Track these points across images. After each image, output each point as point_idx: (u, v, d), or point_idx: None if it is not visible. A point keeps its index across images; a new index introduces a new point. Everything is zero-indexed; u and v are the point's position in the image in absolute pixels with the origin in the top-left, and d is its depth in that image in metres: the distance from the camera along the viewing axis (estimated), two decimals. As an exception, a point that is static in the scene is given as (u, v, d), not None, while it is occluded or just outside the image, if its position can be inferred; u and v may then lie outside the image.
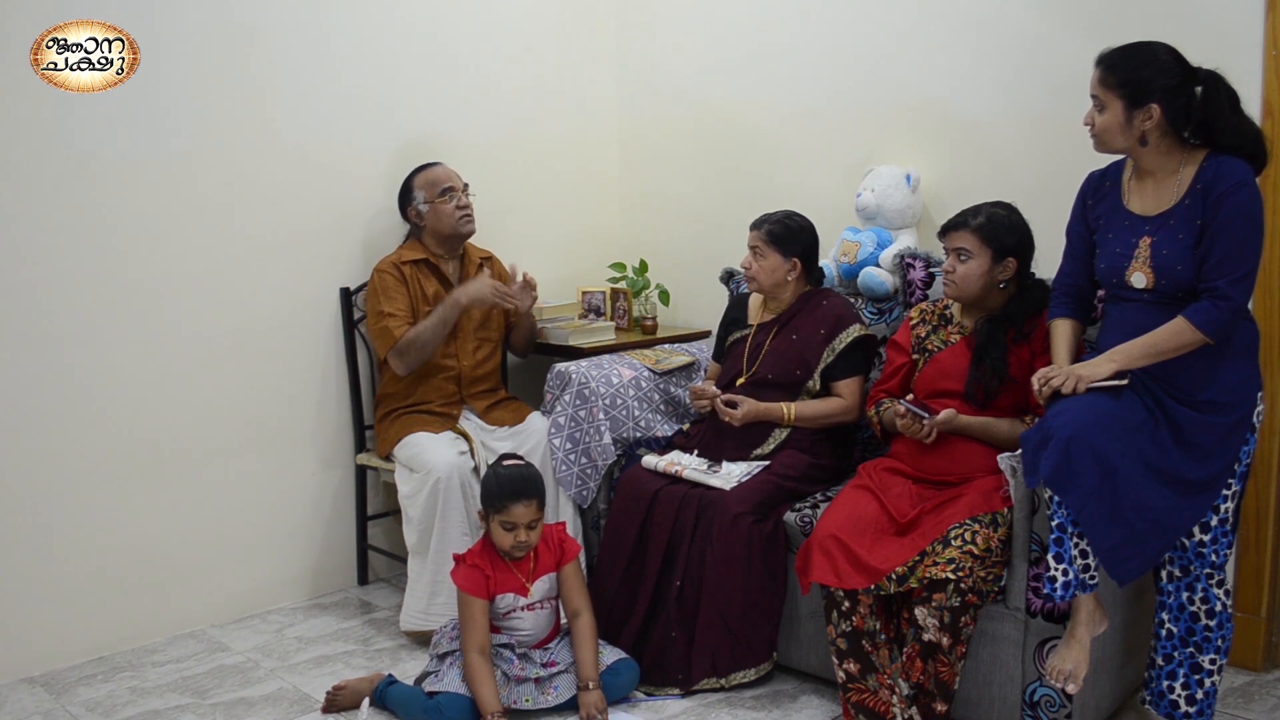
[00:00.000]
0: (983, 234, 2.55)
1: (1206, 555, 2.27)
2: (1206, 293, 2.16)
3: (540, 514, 2.59)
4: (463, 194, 3.25)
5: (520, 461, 2.68)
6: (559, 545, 2.68)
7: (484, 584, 2.57)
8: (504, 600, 2.60)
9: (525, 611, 2.62)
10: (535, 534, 2.59)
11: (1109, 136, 2.24)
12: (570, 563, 2.67)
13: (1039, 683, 2.33)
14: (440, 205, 3.21)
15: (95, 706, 2.69)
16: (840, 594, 2.43)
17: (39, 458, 2.83)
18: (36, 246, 2.78)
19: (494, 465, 2.70)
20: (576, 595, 2.66)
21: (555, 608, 2.69)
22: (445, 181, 3.23)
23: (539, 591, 2.63)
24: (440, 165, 3.28)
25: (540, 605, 2.64)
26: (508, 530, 2.55)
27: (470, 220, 3.25)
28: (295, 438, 3.29)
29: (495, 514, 2.56)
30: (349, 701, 2.62)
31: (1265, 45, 2.61)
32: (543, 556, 2.65)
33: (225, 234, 3.11)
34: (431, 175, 3.25)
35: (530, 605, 2.62)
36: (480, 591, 2.55)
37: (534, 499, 2.57)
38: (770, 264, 2.96)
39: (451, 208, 3.21)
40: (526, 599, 2.61)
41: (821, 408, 2.91)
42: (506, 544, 2.57)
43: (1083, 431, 2.11)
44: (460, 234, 3.25)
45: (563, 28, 3.89)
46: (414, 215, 3.26)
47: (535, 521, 2.57)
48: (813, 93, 3.49)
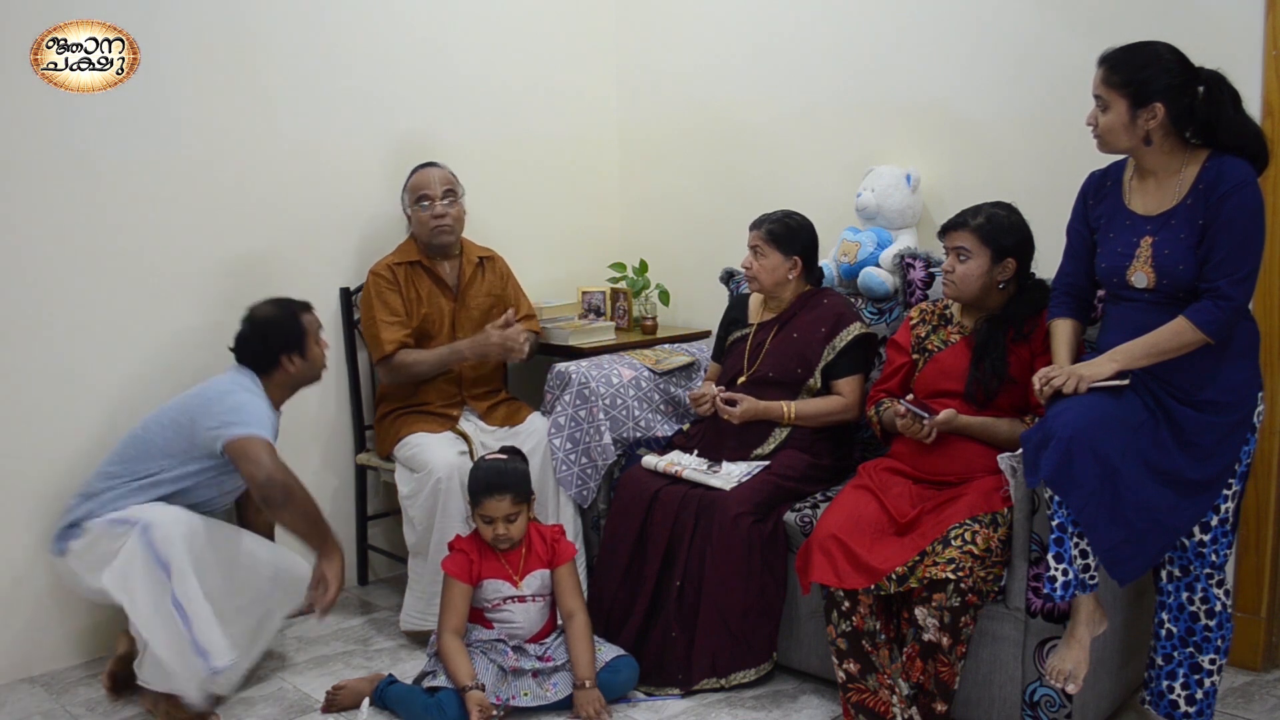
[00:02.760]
0: (982, 234, 2.55)
1: (1206, 555, 2.27)
2: (1208, 293, 2.16)
3: (517, 507, 2.61)
4: (439, 203, 3.18)
5: (503, 456, 2.70)
6: (553, 545, 2.70)
7: (467, 569, 2.61)
8: (491, 586, 2.63)
9: (516, 604, 2.64)
10: (516, 527, 2.61)
11: (1113, 136, 2.24)
12: (564, 565, 2.68)
13: (1039, 683, 2.33)
14: (417, 212, 3.19)
15: (95, 706, 2.69)
16: (840, 594, 2.43)
17: (39, 458, 2.83)
18: (36, 246, 2.78)
19: (478, 459, 2.74)
20: (571, 596, 2.67)
21: (548, 604, 2.70)
22: (423, 189, 3.19)
23: (531, 585, 2.66)
24: (427, 169, 3.24)
25: (532, 599, 2.66)
26: (487, 523, 2.61)
27: (444, 232, 3.18)
28: (295, 437, 3.28)
29: (474, 508, 2.63)
30: (349, 701, 2.63)
31: (1265, 45, 2.61)
32: (536, 550, 2.68)
33: (225, 234, 3.11)
34: (415, 180, 3.22)
35: (521, 598, 2.64)
36: (463, 575, 2.60)
37: (508, 493, 2.59)
38: (771, 263, 2.96)
39: (425, 216, 3.18)
40: (517, 590, 2.63)
41: (822, 406, 2.91)
42: (487, 536, 2.62)
43: (1084, 431, 2.11)
44: (433, 244, 3.20)
45: (563, 27, 3.89)
46: (406, 215, 3.27)
47: (513, 515, 2.60)
48: (813, 93, 3.49)
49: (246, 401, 2.65)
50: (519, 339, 3.11)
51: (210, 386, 2.69)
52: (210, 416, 2.60)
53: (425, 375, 3.14)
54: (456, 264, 3.30)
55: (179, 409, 2.66)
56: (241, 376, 2.73)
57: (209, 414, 2.60)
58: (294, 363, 2.77)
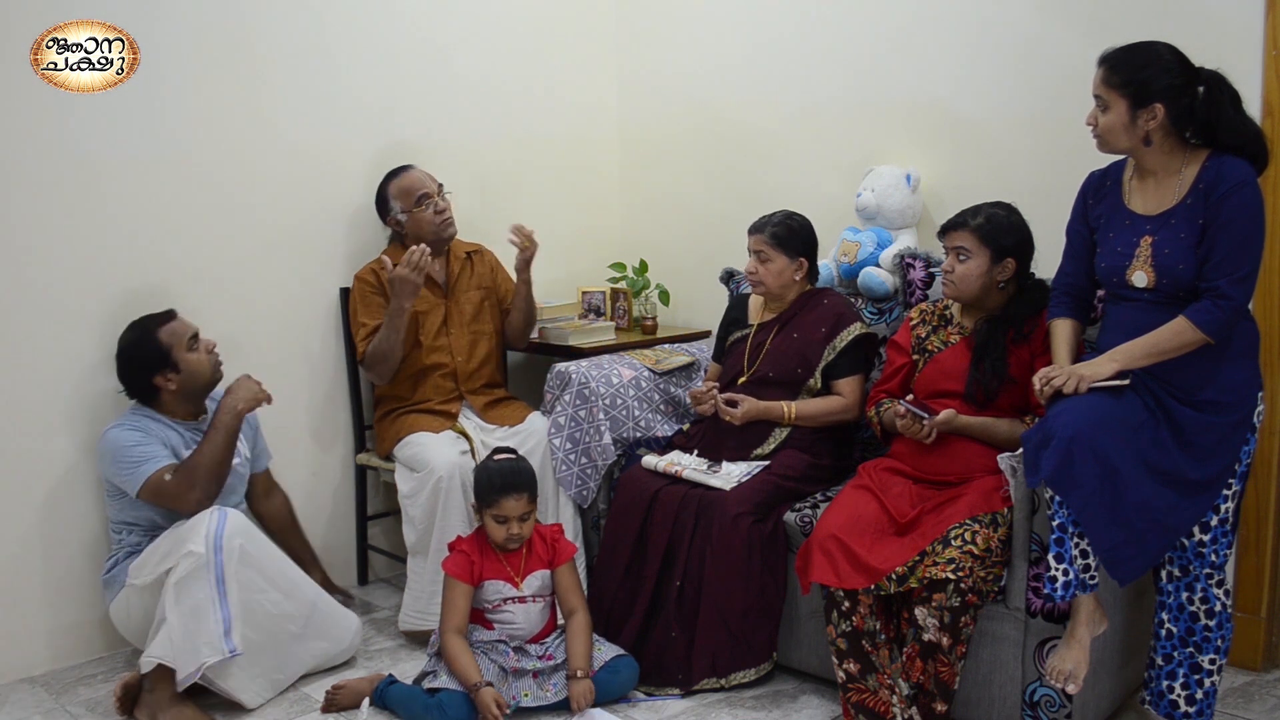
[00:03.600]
0: (982, 234, 2.55)
1: (1206, 555, 2.27)
2: (1208, 292, 2.16)
3: (531, 506, 2.63)
4: (439, 198, 3.21)
5: (511, 455, 2.71)
6: (553, 545, 2.70)
7: (469, 569, 2.61)
8: (492, 587, 2.63)
9: (516, 605, 2.64)
10: (528, 526, 2.63)
11: (1113, 136, 2.24)
12: (564, 564, 2.69)
13: (1039, 683, 2.33)
14: (418, 214, 3.18)
15: (95, 706, 2.69)
16: (840, 594, 2.43)
17: (40, 457, 2.83)
18: (36, 246, 2.78)
19: (484, 459, 2.75)
20: (572, 595, 2.68)
21: (549, 604, 2.70)
22: (420, 189, 3.19)
23: (531, 586, 2.66)
24: (412, 170, 3.24)
25: (533, 599, 2.66)
26: (500, 524, 2.60)
27: (450, 224, 3.22)
28: (295, 437, 3.29)
29: (487, 508, 2.61)
30: (348, 701, 2.63)
31: (1265, 45, 2.61)
32: (536, 550, 2.68)
33: (225, 234, 3.11)
34: (405, 183, 3.21)
35: (522, 598, 2.64)
36: (465, 576, 2.60)
37: (524, 492, 2.61)
38: (777, 266, 2.95)
39: (430, 214, 3.18)
40: (518, 591, 2.64)
41: (822, 406, 2.91)
42: (500, 537, 2.61)
43: (1084, 431, 2.11)
44: (442, 239, 3.22)
45: (563, 28, 3.89)
46: (393, 224, 3.24)
47: (527, 514, 2.62)
48: (813, 93, 3.49)
49: (122, 446, 2.64)
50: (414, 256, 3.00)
51: (99, 447, 2.71)
52: (118, 481, 2.66)
53: (393, 350, 3.09)
54: (444, 261, 3.30)
55: (103, 480, 2.75)
56: (126, 414, 2.75)
57: (115, 478, 2.66)
58: (170, 379, 2.73)
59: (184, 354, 2.73)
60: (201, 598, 2.48)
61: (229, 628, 2.49)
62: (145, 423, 2.71)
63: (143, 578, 2.59)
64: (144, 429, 2.68)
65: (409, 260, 2.99)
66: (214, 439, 2.67)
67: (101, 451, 2.68)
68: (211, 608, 2.48)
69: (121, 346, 2.76)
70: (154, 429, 2.70)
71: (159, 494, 2.62)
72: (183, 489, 2.61)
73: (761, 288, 3.00)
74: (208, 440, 2.68)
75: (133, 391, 2.76)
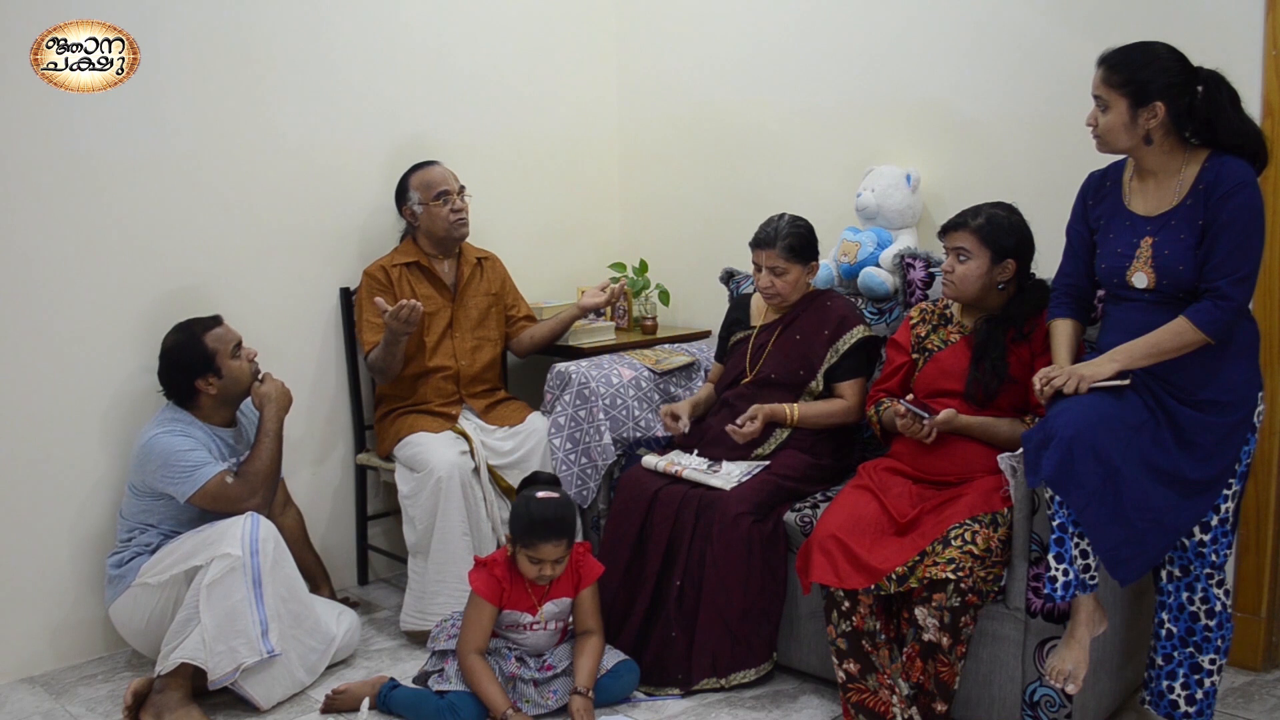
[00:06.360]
0: (982, 234, 2.55)
1: (1206, 555, 2.27)
2: (1208, 293, 2.16)
3: (569, 550, 2.56)
4: (458, 197, 3.22)
5: (555, 494, 2.58)
6: (577, 569, 2.63)
7: (499, 594, 2.55)
8: (510, 616, 2.59)
9: (529, 630, 2.62)
10: (561, 566, 2.55)
11: (1113, 136, 2.24)
12: (588, 587, 2.64)
13: (1039, 683, 2.33)
14: (435, 208, 3.19)
15: (95, 706, 2.69)
16: (840, 594, 2.43)
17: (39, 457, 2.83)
18: (36, 246, 2.78)
19: (526, 495, 2.58)
20: (590, 617, 2.64)
21: (561, 628, 2.67)
22: (441, 184, 3.20)
23: (548, 614, 2.61)
24: (437, 165, 3.26)
25: (546, 626, 2.63)
26: (534, 564, 2.53)
27: (464, 224, 3.23)
28: (295, 437, 3.29)
29: (524, 548, 2.52)
30: (349, 704, 2.61)
31: (1265, 45, 2.61)
32: (560, 580, 2.61)
33: (225, 234, 3.11)
34: (428, 176, 3.22)
35: (534, 625, 2.61)
36: (494, 598, 2.55)
37: (565, 539, 2.53)
38: (793, 277, 2.94)
39: (446, 211, 3.19)
40: (533, 618, 2.60)
41: (824, 408, 2.91)
42: (531, 575, 2.55)
43: (1084, 431, 2.11)
44: (453, 238, 3.23)
45: (563, 28, 3.89)
46: (408, 214, 3.25)
47: (563, 557, 2.54)
48: (813, 93, 3.49)
49: (175, 451, 2.65)
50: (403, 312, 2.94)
51: (141, 450, 2.69)
52: (163, 485, 2.66)
53: (390, 366, 3.10)
54: (455, 264, 3.31)
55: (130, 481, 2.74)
56: (166, 417, 2.75)
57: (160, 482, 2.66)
58: (212, 384, 2.76)
59: (227, 360, 2.77)
60: (238, 599, 2.50)
61: (266, 629, 2.53)
62: (186, 427, 2.73)
63: (157, 576, 2.61)
64: (189, 434, 2.71)
65: (398, 314, 2.95)
66: (267, 444, 2.76)
67: (145, 455, 2.68)
68: (248, 609, 2.51)
69: (166, 347, 2.78)
70: (196, 434, 2.73)
71: (218, 499, 2.65)
72: (244, 494, 2.67)
73: (778, 299, 2.98)
74: (261, 446, 2.75)
75: (171, 392, 2.78)
